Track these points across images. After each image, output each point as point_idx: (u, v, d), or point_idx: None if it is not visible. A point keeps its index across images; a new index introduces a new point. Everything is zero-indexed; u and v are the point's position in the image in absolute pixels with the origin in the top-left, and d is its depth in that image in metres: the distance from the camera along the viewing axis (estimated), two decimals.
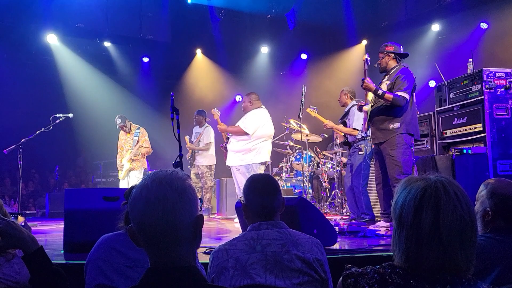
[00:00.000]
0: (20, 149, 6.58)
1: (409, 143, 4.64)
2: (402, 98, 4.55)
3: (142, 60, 11.95)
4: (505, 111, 4.66)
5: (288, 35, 11.11)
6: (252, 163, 5.81)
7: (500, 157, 4.57)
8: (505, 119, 4.67)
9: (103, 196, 3.74)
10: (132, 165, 7.20)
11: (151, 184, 1.19)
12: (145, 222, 1.17)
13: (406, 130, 4.61)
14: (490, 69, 4.73)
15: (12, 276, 2.01)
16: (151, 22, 10.56)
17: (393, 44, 4.97)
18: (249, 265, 1.88)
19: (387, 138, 4.66)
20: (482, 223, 2.02)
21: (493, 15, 8.79)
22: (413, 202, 1.23)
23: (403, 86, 4.59)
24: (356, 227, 4.25)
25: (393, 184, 4.62)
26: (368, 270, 1.28)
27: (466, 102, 4.92)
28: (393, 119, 4.65)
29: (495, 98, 4.66)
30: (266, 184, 2.16)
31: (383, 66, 4.95)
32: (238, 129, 5.85)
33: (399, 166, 4.54)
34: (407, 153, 4.59)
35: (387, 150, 4.65)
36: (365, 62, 4.87)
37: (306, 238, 2.03)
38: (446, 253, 1.18)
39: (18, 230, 1.58)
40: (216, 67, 12.04)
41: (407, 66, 4.88)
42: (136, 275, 1.80)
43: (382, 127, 4.72)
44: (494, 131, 4.60)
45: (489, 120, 4.62)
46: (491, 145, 4.57)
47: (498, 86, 4.67)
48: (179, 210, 1.19)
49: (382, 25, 10.25)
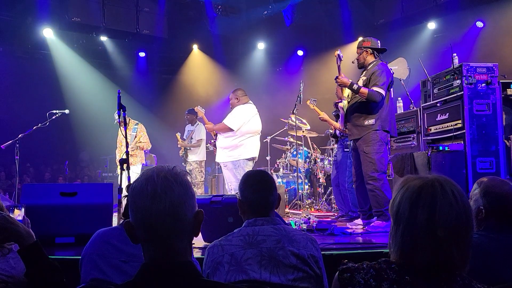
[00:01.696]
0: (17, 144, 6.58)
1: (384, 139, 4.58)
2: (378, 93, 4.46)
3: (139, 55, 11.94)
4: (486, 107, 4.47)
5: (284, 31, 11.10)
6: (239, 159, 5.77)
7: (480, 155, 4.40)
8: (486, 115, 4.47)
9: (60, 192, 3.76)
10: (130, 160, 7.21)
11: (157, 178, 1.20)
12: (150, 214, 1.17)
13: (381, 126, 4.54)
14: (471, 63, 4.55)
15: (8, 271, 2.01)
16: (148, 17, 10.54)
17: (370, 39, 4.88)
18: (244, 260, 1.89)
19: (362, 134, 4.59)
20: (475, 221, 2.04)
21: (489, 14, 8.83)
22: (410, 199, 1.24)
23: (379, 81, 4.50)
24: (324, 225, 4.22)
25: (367, 181, 4.57)
26: (364, 265, 1.29)
27: (448, 98, 4.74)
28: (368, 116, 4.57)
29: (475, 94, 4.48)
30: (261, 180, 2.16)
31: (361, 62, 4.86)
32: (223, 126, 5.85)
33: (373, 163, 4.49)
34: (382, 150, 4.53)
35: (362, 147, 4.59)
36: (338, 58, 4.74)
37: (301, 234, 2.04)
38: (441, 250, 1.20)
39: (13, 224, 1.58)
40: (213, 63, 12.03)
41: (385, 62, 4.81)
42: (131, 269, 1.81)
43: (357, 124, 4.65)
44: (474, 127, 4.43)
45: (468, 116, 4.45)
46: (470, 142, 4.41)
47: (479, 81, 4.50)
48: (184, 203, 1.20)
49: (378, 22, 10.27)
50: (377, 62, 4.73)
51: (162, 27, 10.94)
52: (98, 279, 1.86)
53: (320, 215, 6.44)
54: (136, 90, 11.82)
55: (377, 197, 4.48)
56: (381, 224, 4.42)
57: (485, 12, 8.87)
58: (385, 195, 4.45)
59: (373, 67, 4.69)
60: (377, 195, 4.48)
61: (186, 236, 1.23)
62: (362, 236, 4.17)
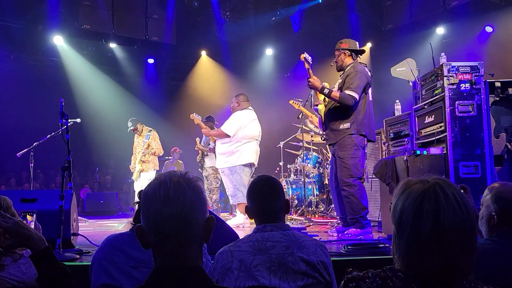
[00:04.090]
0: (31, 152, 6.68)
1: (360, 144, 4.41)
2: (350, 97, 4.31)
3: (147, 61, 12.03)
4: (471, 108, 4.20)
5: (292, 37, 11.11)
6: (236, 165, 5.77)
7: (464, 159, 4.13)
8: (470, 117, 4.19)
9: (21, 198, 3.79)
10: (142, 166, 7.48)
11: (170, 182, 1.21)
12: (162, 217, 1.18)
13: (357, 130, 4.38)
14: (453, 63, 4.29)
15: (19, 276, 2.02)
16: (157, 24, 10.62)
17: (348, 40, 4.74)
18: (254, 266, 1.88)
19: (338, 139, 4.45)
20: (487, 227, 2.02)
21: (499, 19, 8.78)
22: (412, 207, 1.23)
23: (353, 85, 4.35)
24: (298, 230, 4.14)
25: (341, 187, 4.41)
26: (370, 274, 1.28)
27: (433, 100, 4.52)
28: (344, 120, 4.43)
29: (458, 95, 4.20)
30: (267, 187, 2.15)
31: (339, 64, 4.74)
32: (220, 132, 5.87)
33: (347, 169, 4.32)
34: (357, 154, 4.36)
35: (338, 152, 4.44)
36: (305, 61, 4.61)
37: (311, 240, 2.03)
38: (447, 257, 1.19)
39: (26, 229, 1.60)
40: (221, 69, 12.08)
41: (365, 64, 4.67)
42: (140, 275, 1.82)
43: (333, 128, 4.50)
44: (457, 130, 4.17)
45: (450, 119, 4.19)
46: (452, 145, 4.15)
47: (462, 81, 4.22)
48: (195, 208, 1.21)
49: (387, 28, 10.24)
50: (354, 64, 4.58)
51: (171, 34, 11.01)
52: (108, 285, 1.87)
53: (320, 221, 6.37)
54: (147, 97, 11.95)
55: (351, 204, 4.30)
56: (355, 232, 4.24)
57: (495, 17, 8.82)
58: (360, 201, 4.29)
59: (349, 70, 4.54)
60: (351, 201, 4.30)
61: (197, 241, 1.23)
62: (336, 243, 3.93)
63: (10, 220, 1.62)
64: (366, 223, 4.31)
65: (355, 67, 4.53)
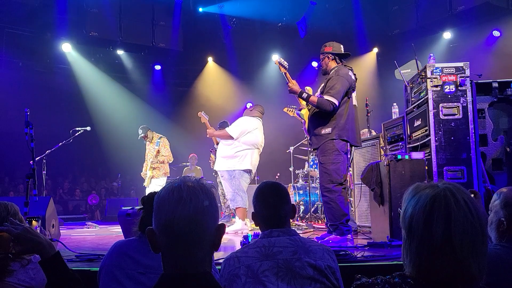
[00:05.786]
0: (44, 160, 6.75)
1: (342, 149, 4.28)
2: (328, 102, 4.21)
3: (154, 68, 12.10)
4: (456, 110, 4.06)
5: (299, 43, 11.12)
6: (235, 169, 5.78)
7: (449, 163, 3.99)
8: (455, 120, 4.05)
9: None
10: (153, 173, 7.55)
11: (183, 186, 1.23)
12: (174, 218, 1.19)
13: (338, 135, 4.26)
14: (437, 64, 4.17)
15: (27, 281, 2.03)
16: (163, 31, 10.70)
17: (332, 43, 4.65)
18: (261, 272, 1.88)
19: (320, 144, 4.35)
20: (497, 233, 2.00)
21: (506, 23, 8.74)
22: (423, 212, 1.21)
23: (333, 89, 4.25)
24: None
25: (322, 193, 4.32)
26: (379, 280, 1.27)
27: (419, 102, 4.40)
28: (325, 124, 4.33)
29: (442, 97, 4.08)
30: (273, 193, 2.15)
31: (324, 68, 4.67)
32: (224, 133, 5.90)
33: (328, 174, 4.23)
34: (338, 160, 4.24)
35: (320, 157, 4.36)
36: (280, 65, 4.52)
37: (318, 245, 2.02)
38: (459, 263, 1.17)
39: (35, 236, 1.61)
40: (228, 75, 12.13)
41: (350, 68, 4.57)
42: (148, 281, 1.82)
43: (316, 133, 4.41)
44: (441, 133, 4.02)
45: (433, 122, 4.06)
46: (436, 149, 4.01)
47: (447, 83, 4.08)
48: (207, 212, 1.22)
49: (393, 33, 10.23)
50: (337, 68, 4.50)
51: (178, 40, 11.08)
52: None
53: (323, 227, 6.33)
54: (155, 103, 12.00)
55: (332, 210, 4.21)
56: (335, 239, 4.14)
57: (502, 21, 8.79)
58: (340, 207, 4.18)
59: (332, 73, 4.47)
60: (332, 207, 4.20)
61: (207, 247, 1.23)
62: None
63: (19, 226, 1.63)
64: (346, 229, 4.20)
65: (337, 71, 4.46)
